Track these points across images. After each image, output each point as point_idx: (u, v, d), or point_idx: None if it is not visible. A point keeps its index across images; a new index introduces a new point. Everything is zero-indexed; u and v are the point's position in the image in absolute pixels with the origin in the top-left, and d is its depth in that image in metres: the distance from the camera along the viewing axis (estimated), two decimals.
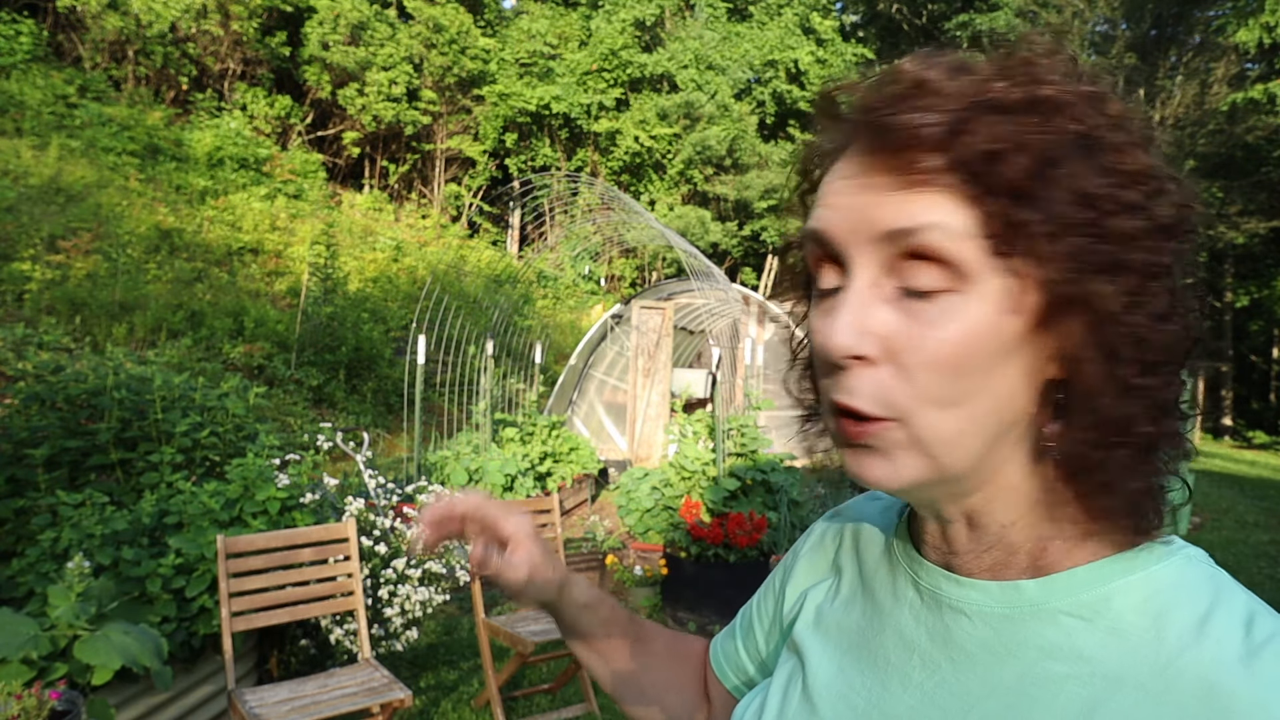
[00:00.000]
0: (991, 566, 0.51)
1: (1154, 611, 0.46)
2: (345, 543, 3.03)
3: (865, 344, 0.46)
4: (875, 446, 0.47)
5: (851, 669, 0.57)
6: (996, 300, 0.44)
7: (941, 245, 0.44)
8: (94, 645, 2.23)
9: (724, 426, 5.53)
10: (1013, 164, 0.43)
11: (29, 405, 3.38)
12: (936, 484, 0.48)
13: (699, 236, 17.13)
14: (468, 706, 3.44)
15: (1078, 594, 0.48)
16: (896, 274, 0.46)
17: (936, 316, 0.45)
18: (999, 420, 0.47)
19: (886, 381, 0.46)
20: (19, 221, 8.69)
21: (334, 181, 16.33)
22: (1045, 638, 0.48)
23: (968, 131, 0.43)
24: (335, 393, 9.29)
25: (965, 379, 0.45)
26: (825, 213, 0.49)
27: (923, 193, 0.44)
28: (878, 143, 0.46)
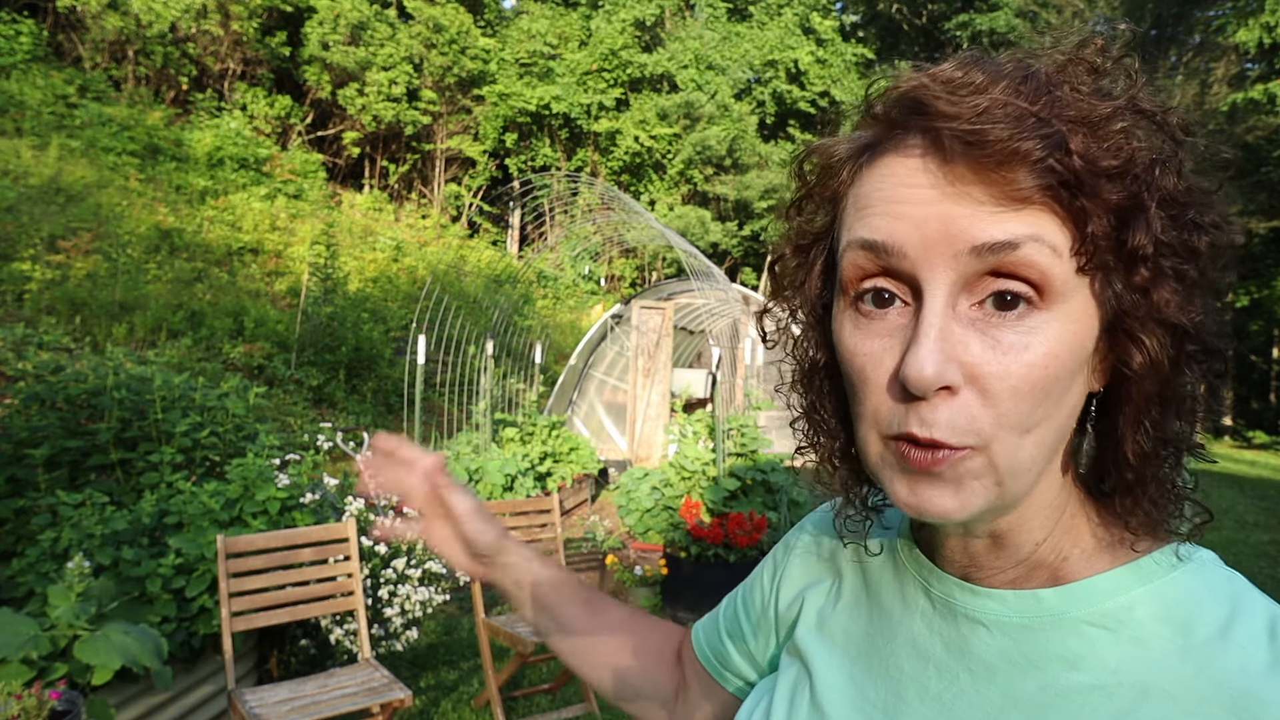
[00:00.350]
0: (1013, 580, 0.50)
1: (1177, 620, 0.45)
2: (345, 543, 3.03)
3: (952, 373, 0.42)
4: (943, 475, 0.44)
5: (863, 677, 0.55)
6: (1077, 319, 0.43)
7: (1040, 262, 0.42)
8: (94, 645, 2.23)
9: (724, 426, 5.53)
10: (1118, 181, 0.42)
11: (29, 405, 3.38)
12: (996, 511, 0.46)
13: (699, 236, 17.13)
14: (468, 706, 3.44)
15: (1099, 603, 0.47)
16: (973, 291, 0.43)
17: (1022, 338, 0.42)
18: (1059, 443, 0.46)
19: (969, 410, 0.43)
20: (19, 221, 8.69)
21: (334, 181, 16.33)
22: (1068, 648, 0.47)
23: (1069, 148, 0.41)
24: (335, 393, 9.29)
25: (1045, 403, 0.43)
26: (890, 223, 0.44)
27: (1021, 209, 0.42)
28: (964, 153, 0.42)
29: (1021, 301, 0.43)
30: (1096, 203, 0.41)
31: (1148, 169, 0.42)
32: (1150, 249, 0.42)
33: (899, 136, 0.46)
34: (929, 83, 0.44)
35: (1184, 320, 0.43)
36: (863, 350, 0.46)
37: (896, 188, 0.45)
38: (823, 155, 0.50)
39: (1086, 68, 0.45)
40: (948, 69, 0.44)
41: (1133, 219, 0.42)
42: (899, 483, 0.46)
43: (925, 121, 0.44)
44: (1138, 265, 0.43)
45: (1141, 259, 0.42)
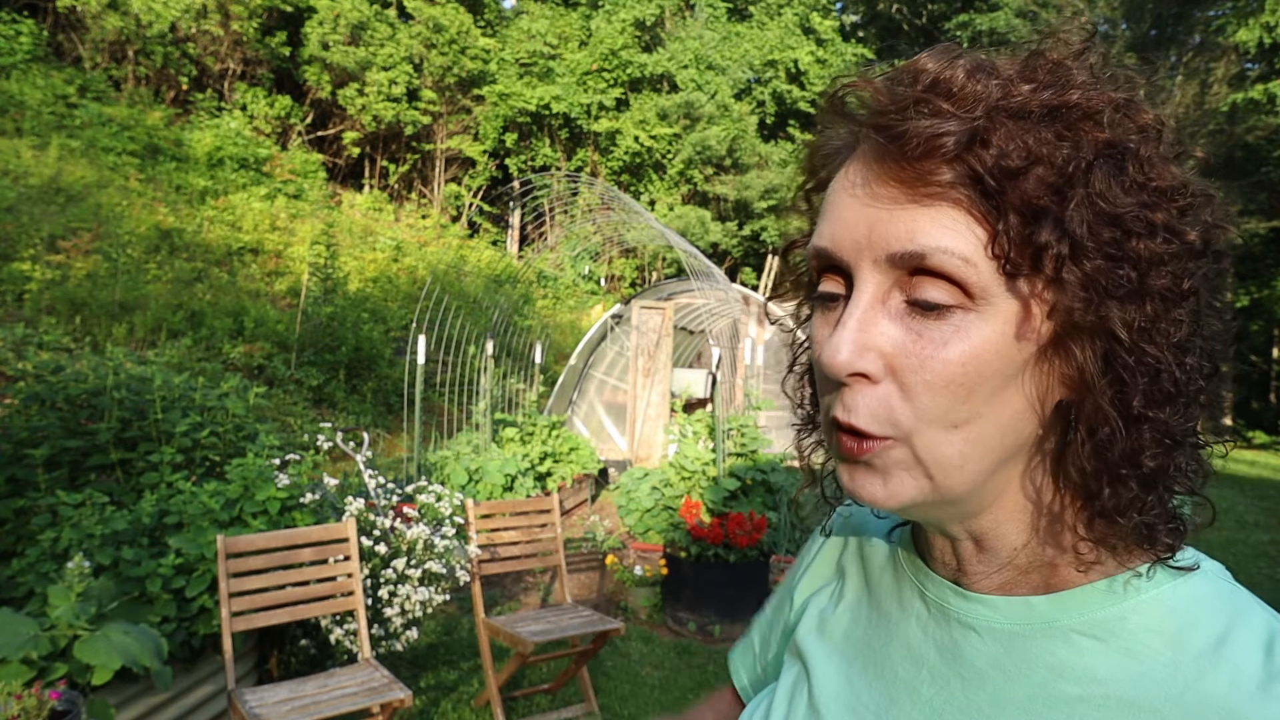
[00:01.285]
0: (1002, 585, 0.50)
1: (1170, 632, 0.44)
2: (345, 543, 3.03)
3: (866, 361, 0.44)
4: (873, 464, 0.45)
5: (859, 680, 0.55)
6: (1006, 321, 0.42)
7: (950, 268, 0.42)
8: (94, 645, 2.23)
9: (724, 426, 5.53)
10: (1031, 180, 0.41)
11: (29, 405, 3.38)
12: (936, 505, 0.47)
13: (699, 236, 17.13)
14: (468, 706, 3.44)
15: (1091, 612, 0.46)
16: (903, 288, 0.44)
17: (943, 335, 0.43)
18: (1003, 444, 0.45)
19: (888, 400, 0.44)
20: (19, 221, 8.69)
21: (334, 181, 16.32)
22: (1057, 656, 0.46)
23: (985, 142, 0.41)
24: (335, 393, 9.29)
25: (970, 401, 0.43)
26: (830, 227, 0.46)
27: (933, 206, 0.42)
28: (889, 150, 0.43)
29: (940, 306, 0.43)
30: (1010, 198, 0.41)
31: (1074, 166, 0.41)
32: (1064, 249, 0.41)
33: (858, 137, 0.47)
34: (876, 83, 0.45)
35: (1115, 329, 0.41)
36: (816, 338, 0.48)
37: (843, 192, 0.46)
38: (819, 152, 0.52)
39: (1048, 60, 0.44)
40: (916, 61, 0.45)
41: (1046, 218, 0.41)
42: (842, 469, 0.48)
43: (865, 120, 0.45)
44: (1045, 262, 0.41)
45: (1052, 257, 0.41)
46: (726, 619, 4.41)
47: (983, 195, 0.41)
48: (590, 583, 5.22)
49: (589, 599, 4.92)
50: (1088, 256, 0.41)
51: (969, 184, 0.42)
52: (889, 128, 0.43)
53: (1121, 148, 0.42)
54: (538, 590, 5.04)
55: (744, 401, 6.60)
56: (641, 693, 3.70)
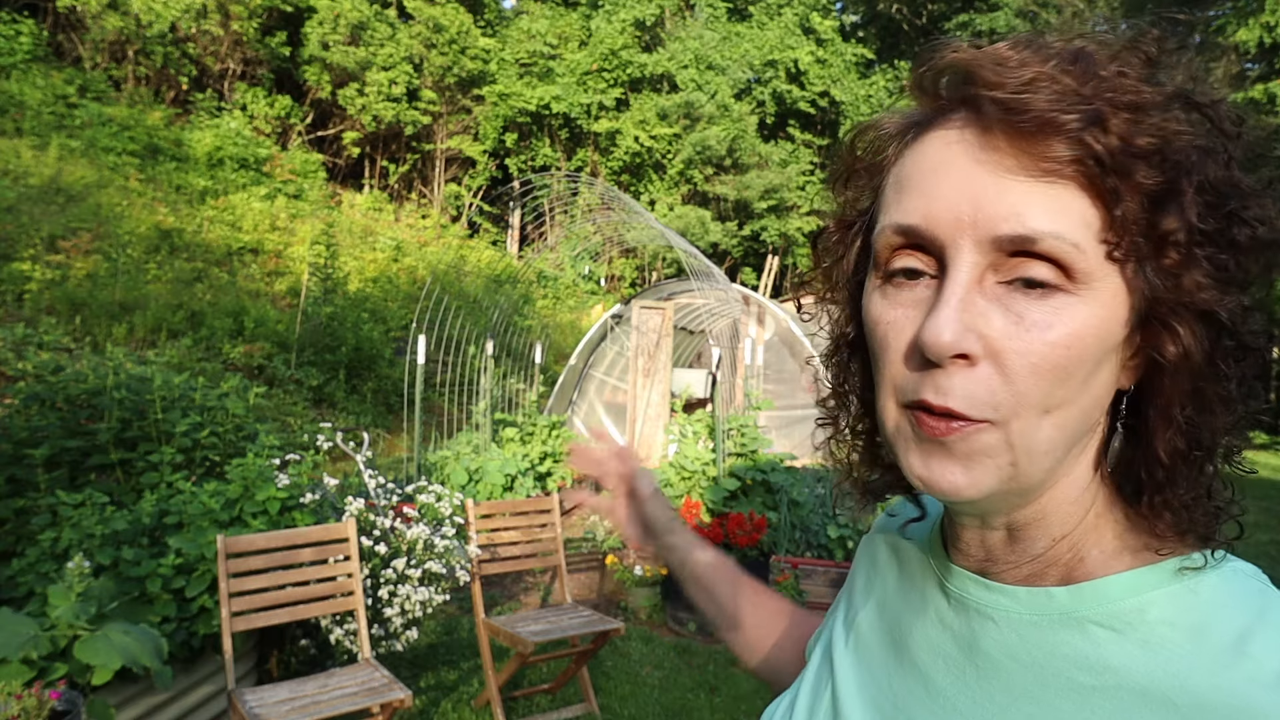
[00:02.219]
0: (1029, 576, 0.49)
1: (1190, 626, 0.43)
2: (345, 543, 3.03)
3: (969, 342, 0.43)
4: (956, 450, 0.44)
5: (881, 671, 0.56)
6: (1104, 305, 0.43)
7: (1060, 253, 0.41)
8: (94, 645, 2.23)
9: (724, 426, 5.53)
10: (1149, 166, 0.41)
11: (29, 405, 3.38)
12: (1007, 495, 0.46)
13: (699, 236, 17.13)
14: (468, 706, 3.44)
15: (1110, 604, 0.45)
16: (999, 269, 0.43)
17: (1045, 318, 0.42)
18: (1082, 428, 0.45)
19: (989, 383, 0.43)
20: (19, 221, 8.69)
21: (334, 181, 16.32)
22: (1073, 647, 0.45)
23: (1105, 126, 0.41)
24: (335, 393, 9.29)
25: (1067, 384, 0.43)
26: (922, 203, 0.45)
27: (1047, 183, 0.42)
28: (1006, 122, 0.42)
29: (1044, 285, 0.42)
30: (1129, 184, 0.41)
31: (1187, 155, 0.42)
32: (1183, 235, 0.42)
33: (943, 112, 0.46)
34: (979, 56, 0.45)
35: (1219, 310, 0.42)
36: (886, 318, 0.47)
37: (933, 165, 0.45)
38: (874, 131, 0.51)
39: (1141, 56, 0.44)
40: (1001, 47, 0.45)
41: (1167, 202, 0.41)
42: (913, 454, 0.46)
43: (970, 91, 0.44)
44: (1168, 249, 0.42)
45: (1173, 243, 0.42)
46: None
47: (1100, 178, 0.41)
48: (590, 583, 5.21)
49: (589, 599, 4.92)
50: (1200, 244, 0.42)
51: (1088, 165, 0.41)
52: (1009, 101, 0.42)
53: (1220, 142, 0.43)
54: (538, 590, 5.04)
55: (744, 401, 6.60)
56: (641, 693, 3.70)
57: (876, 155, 0.51)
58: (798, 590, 4.47)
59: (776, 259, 20.41)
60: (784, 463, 5.58)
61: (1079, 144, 0.41)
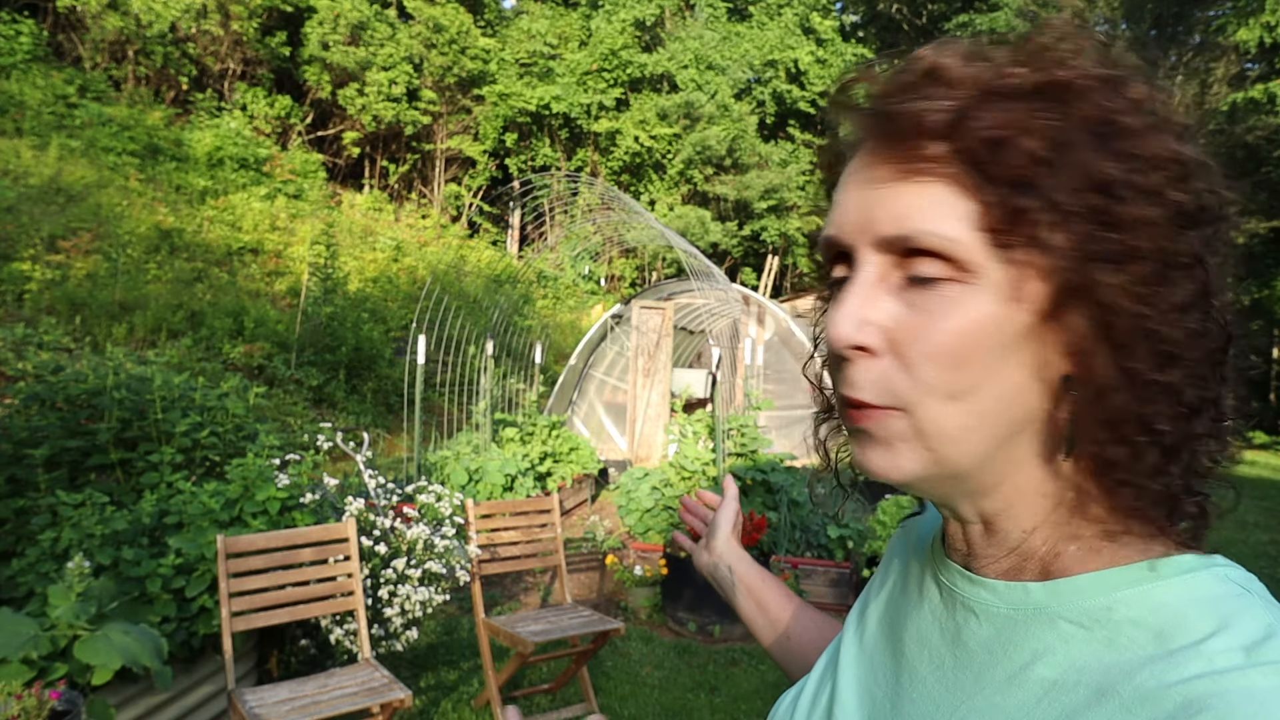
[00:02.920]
0: (1008, 570, 0.50)
1: (1156, 627, 0.43)
2: (345, 543, 3.03)
3: (865, 334, 0.45)
4: (877, 436, 0.47)
5: (878, 661, 0.58)
6: (999, 291, 0.44)
7: (938, 247, 0.43)
8: (94, 645, 2.23)
9: (724, 426, 5.53)
10: (1014, 151, 0.42)
11: (29, 405, 3.38)
12: (941, 479, 0.47)
13: (699, 236, 17.13)
14: (468, 706, 3.44)
15: (1082, 600, 0.46)
16: (901, 266, 0.46)
17: (939, 307, 0.44)
18: (1007, 417, 0.45)
19: (887, 372, 0.45)
20: (19, 221, 8.69)
21: (334, 181, 16.32)
22: (1042, 641, 0.46)
23: (972, 119, 0.43)
24: (335, 393, 9.29)
25: (968, 371, 0.44)
26: (835, 215, 0.49)
27: (923, 183, 0.44)
28: (884, 132, 0.46)
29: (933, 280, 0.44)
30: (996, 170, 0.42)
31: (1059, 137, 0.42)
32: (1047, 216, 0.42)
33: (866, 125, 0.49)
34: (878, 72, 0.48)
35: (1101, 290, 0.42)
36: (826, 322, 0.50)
37: (845, 181, 0.49)
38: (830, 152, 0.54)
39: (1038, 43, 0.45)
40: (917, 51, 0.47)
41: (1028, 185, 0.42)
42: (854, 444, 0.49)
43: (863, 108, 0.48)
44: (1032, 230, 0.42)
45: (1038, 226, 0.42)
46: (726, 619, 4.41)
47: (972, 169, 0.43)
48: (590, 583, 5.21)
49: (589, 599, 4.92)
50: (1073, 222, 0.42)
51: (958, 160, 0.43)
52: (883, 111, 0.45)
53: (1110, 120, 0.43)
54: (538, 590, 5.04)
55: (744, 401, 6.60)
56: (641, 693, 3.70)
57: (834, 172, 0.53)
58: (798, 590, 4.46)
59: (776, 259, 20.41)
60: (784, 463, 5.58)
61: (945, 142, 0.43)
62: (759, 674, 3.96)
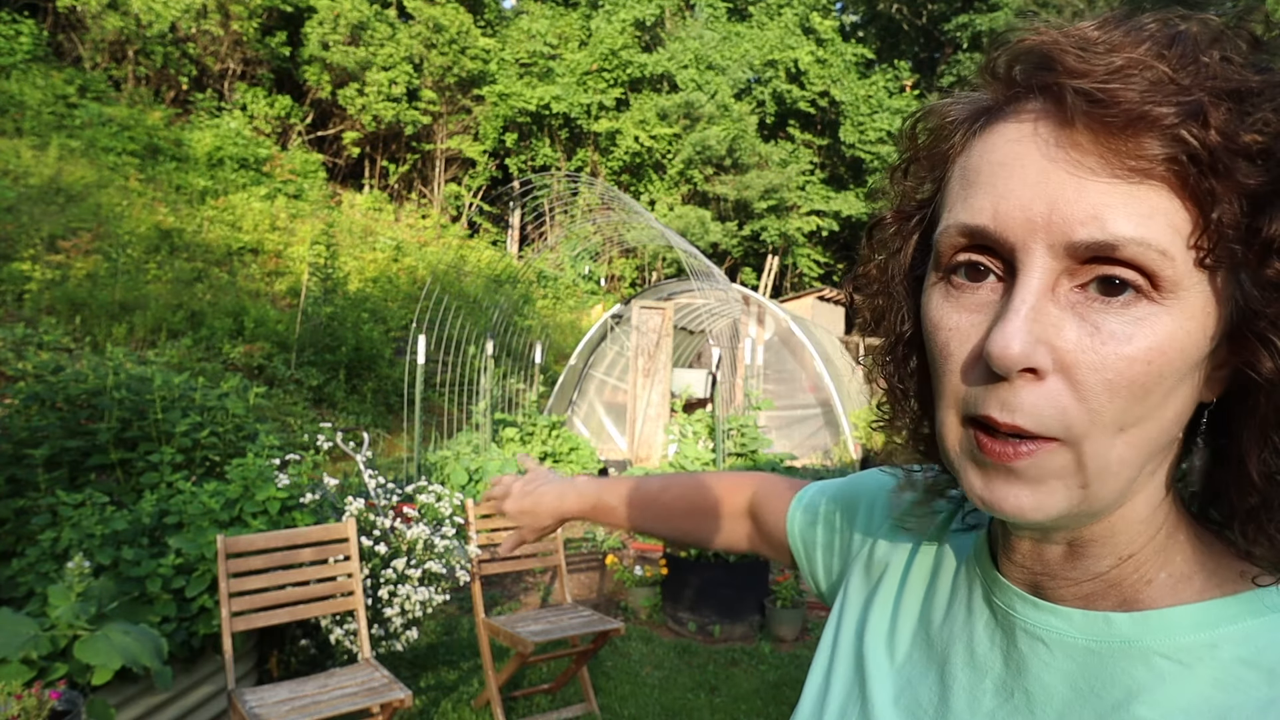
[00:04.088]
0: (1086, 597, 0.45)
1: (1269, 666, 0.39)
2: (345, 543, 3.03)
3: (1039, 355, 0.39)
4: (1022, 473, 0.40)
5: (917, 680, 0.53)
6: (1192, 316, 0.38)
7: (1145, 260, 0.37)
8: (94, 645, 2.23)
9: (724, 426, 5.53)
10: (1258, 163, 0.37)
11: (29, 405, 3.38)
12: (1078, 516, 0.42)
13: (699, 236, 17.13)
14: (468, 706, 3.44)
15: (1179, 636, 0.42)
16: (1077, 274, 0.39)
17: (1125, 330, 0.38)
18: (1158, 446, 0.41)
19: (1059, 399, 0.39)
20: (19, 221, 8.70)
21: (334, 181, 16.33)
22: (1135, 679, 0.42)
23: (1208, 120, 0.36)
24: (335, 393, 9.29)
25: (1146, 402, 0.39)
26: (991, 201, 0.41)
27: (1134, 183, 0.38)
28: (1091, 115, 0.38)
29: (1130, 288, 0.38)
30: (1229, 184, 0.37)
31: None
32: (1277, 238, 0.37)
33: (1018, 99, 0.42)
34: (1061, 39, 0.40)
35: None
36: (948, 324, 0.43)
37: (1005, 159, 0.41)
38: (937, 117, 0.46)
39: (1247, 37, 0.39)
40: (1086, 27, 0.40)
41: (1272, 205, 0.37)
42: (974, 474, 0.42)
43: (1050, 78, 0.40)
44: (1271, 258, 0.37)
45: (1277, 250, 0.37)
46: (726, 619, 4.41)
47: (1196, 177, 0.37)
48: (590, 583, 5.22)
49: (589, 599, 4.92)
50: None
51: (1183, 163, 0.37)
52: (1094, 92, 0.38)
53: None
54: (538, 590, 5.05)
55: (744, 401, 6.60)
56: (641, 693, 3.70)
57: (940, 144, 0.46)
58: (798, 590, 4.47)
59: (776, 259, 20.41)
60: (784, 463, 5.58)
61: (1174, 140, 0.37)
62: (759, 674, 3.96)
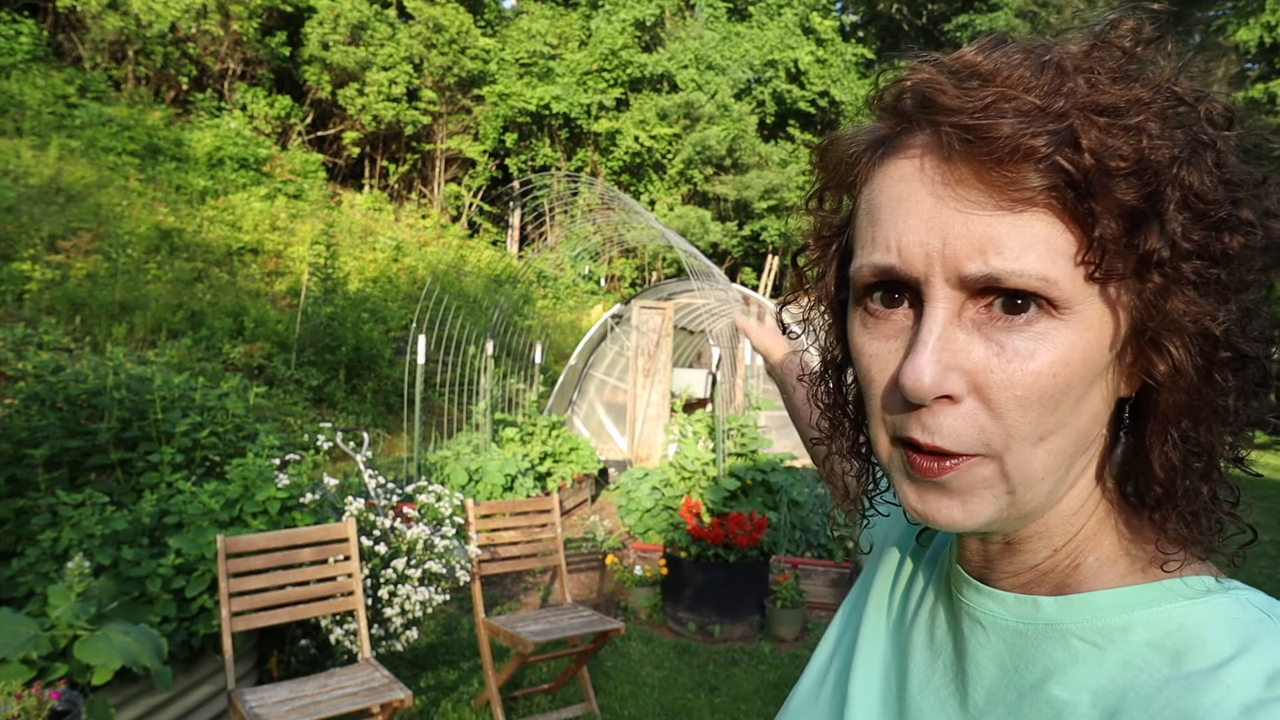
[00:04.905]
0: (1024, 584, 0.48)
1: (1173, 649, 0.41)
2: (345, 543, 3.03)
3: (951, 382, 0.41)
4: (951, 487, 0.43)
5: (891, 659, 0.57)
6: (1091, 327, 0.41)
7: (1029, 288, 0.40)
8: (94, 645, 2.23)
9: (724, 426, 5.53)
10: (1132, 180, 0.38)
11: (29, 405, 3.38)
12: (1010, 521, 0.44)
13: (699, 236, 17.13)
14: (468, 706, 3.44)
15: (1097, 619, 0.44)
16: (979, 298, 0.42)
17: (1028, 347, 0.40)
18: (1078, 449, 0.44)
19: (975, 419, 0.41)
20: (19, 221, 8.69)
21: (334, 181, 16.32)
22: (1054, 659, 0.44)
23: (1078, 145, 0.38)
24: (335, 393, 9.28)
25: (1057, 412, 0.41)
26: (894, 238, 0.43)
27: (1017, 214, 0.39)
28: (971, 151, 0.40)
29: (1032, 304, 0.40)
30: (1106, 203, 0.39)
31: (1169, 163, 0.39)
32: (1166, 253, 0.39)
33: (909, 131, 0.44)
34: (935, 74, 0.42)
35: (1210, 328, 0.40)
36: (869, 350, 0.46)
37: (901, 195, 0.43)
38: (842, 147, 0.49)
39: (1116, 51, 0.41)
40: (964, 54, 0.43)
41: (1146, 221, 0.39)
42: (908, 488, 0.45)
43: (929, 116, 0.42)
44: (1150, 271, 0.40)
45: (1155, 264, 0.39)
46: (726, 619, 4.41)
47: (1075, 200, 0.39)
48: (590, 583, 5.21)
49: (589, 599, 4.92)
50: (1186, 258, 0.40)
51: (1061, 188, 0.39)
52: (972, 127, 0.39)
53: (1203, 140, 0.40)
54: (538, 590, 5.04)
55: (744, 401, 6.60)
56: (641, 693, 3.70)
57: (847, 173, 0.49)
58: (798, 590, 4.47)
59: (776, 259, 20.40)
60: (784, 463, 5.58)
61: (1051, 169, 0.39)
62: (759, 674, 3.96)
